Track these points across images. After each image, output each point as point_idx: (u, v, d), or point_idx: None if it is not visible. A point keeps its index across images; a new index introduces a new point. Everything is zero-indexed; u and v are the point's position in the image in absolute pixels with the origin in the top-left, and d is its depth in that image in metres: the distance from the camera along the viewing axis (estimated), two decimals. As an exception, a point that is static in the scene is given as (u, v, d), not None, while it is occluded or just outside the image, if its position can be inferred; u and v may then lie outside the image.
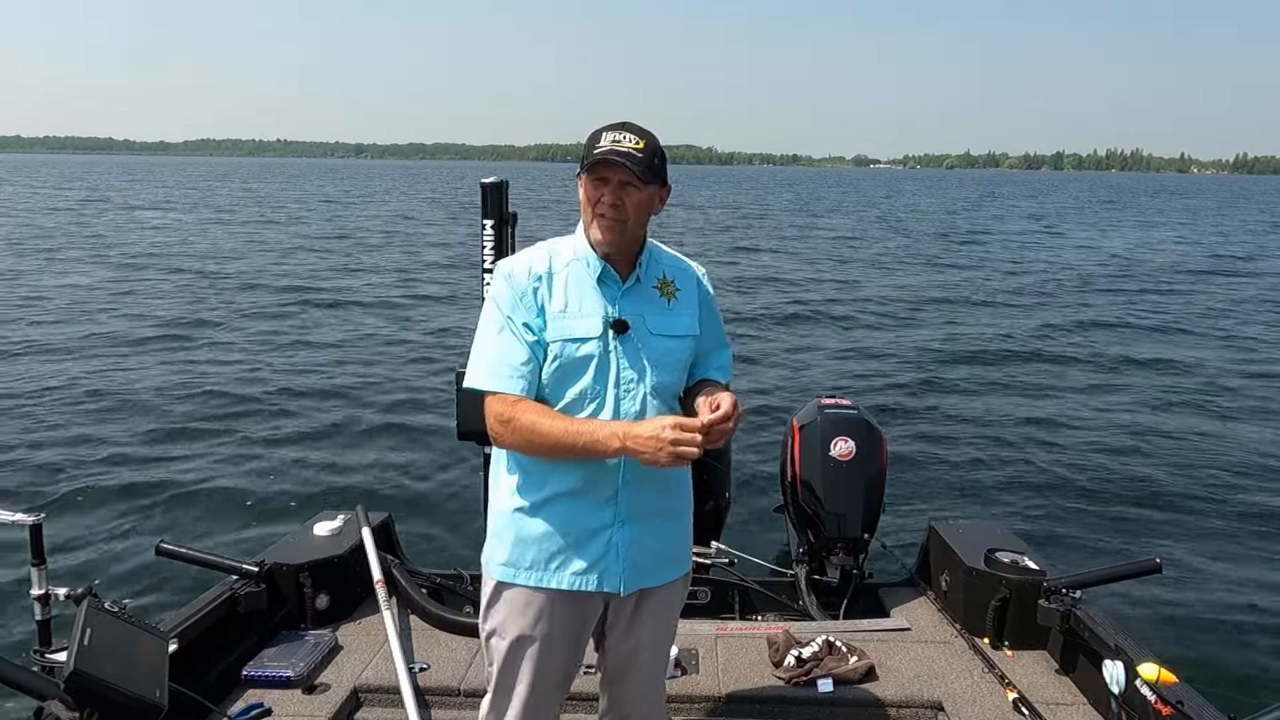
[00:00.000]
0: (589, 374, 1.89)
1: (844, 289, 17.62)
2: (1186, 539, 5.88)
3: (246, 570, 3.13)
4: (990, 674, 3.03)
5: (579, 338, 1.89)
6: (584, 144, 1.91)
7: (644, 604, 2.05)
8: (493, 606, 2.02)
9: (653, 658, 2.13)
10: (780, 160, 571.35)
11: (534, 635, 1.98)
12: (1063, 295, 17.24)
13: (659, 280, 2.01)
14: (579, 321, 1.90)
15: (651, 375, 1.93)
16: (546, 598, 1.96)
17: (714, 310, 2.11)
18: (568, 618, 1.99)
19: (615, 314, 1.92)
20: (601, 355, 1.90)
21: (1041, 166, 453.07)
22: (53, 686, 1.95)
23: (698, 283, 2.07)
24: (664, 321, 1.97)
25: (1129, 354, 11.80)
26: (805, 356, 11.38)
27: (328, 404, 8.59)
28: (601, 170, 1.84)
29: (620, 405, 1.90)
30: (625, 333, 1.91)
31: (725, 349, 2.13)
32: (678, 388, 2.02)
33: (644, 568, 1.99)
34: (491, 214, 3.65)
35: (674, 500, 2.04)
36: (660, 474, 1.91)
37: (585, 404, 1.90)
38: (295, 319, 12.89)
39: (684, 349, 2.00)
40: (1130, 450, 7.67)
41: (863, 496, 3.64)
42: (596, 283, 1.94)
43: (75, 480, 6.37)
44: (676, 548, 2.08)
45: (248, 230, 27.95)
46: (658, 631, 2.11)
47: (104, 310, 13.05)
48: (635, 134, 1.88)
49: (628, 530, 1.95)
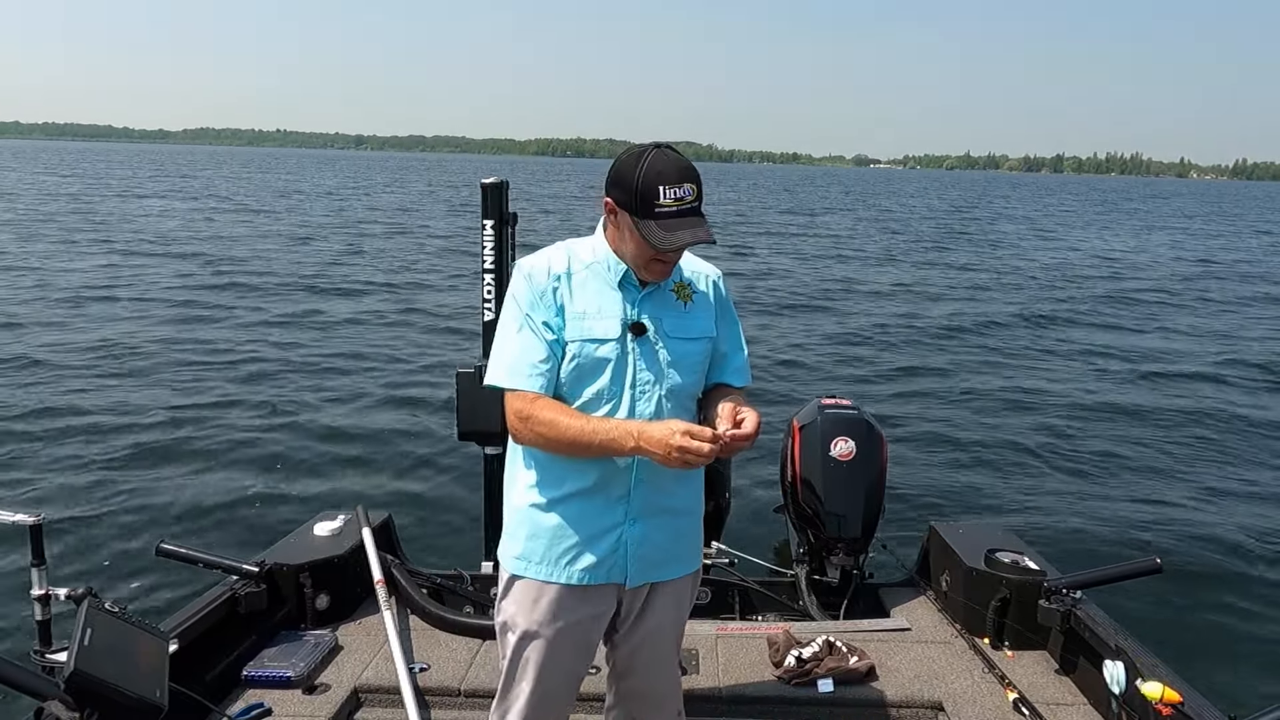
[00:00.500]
0: (606, 375, 1.92)
1: (844, 289, 17.63)
2: (1187, 539, 5.88)
3: (247, 570, 3.12)
4: (990, 674, 3.03)
5: (597, 339, 1.92)
6: (625, 176, 1.83)
7: (653, 597, 2.07)
8: (505, 599, 2.06)
9: (661, 645, 2.14)
10: (780, 159, 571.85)
11: (543, 629, 2.00)
12: (1063, 296, 17.26)
13: (676, 284, 2.03)
14: (598, 323, 1.93)
15: (668, 377, 1.96)
16: (557, 592, 1.99)
17: (731, 313, 2.13)
18: (578, 613, 2.01)
19: (634, 316, 1.95)
20: (619, 357, 1.93)
21: (1041, 169, 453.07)
22: (53, 687, 1.95)
23: (714, 286, 2.10)
24: (681, 324, 2.00)
25: (1129, 354, 11.82)
26: (805, 356, 11.38)
27: (328, 404, 8.59)
28: (679, 240, 1.81)
29: (636, 406, 1.93)
30: (643, 335, 1.94)
31: (741, 351, 2.14)
32: (695, 390, 2.05)
33: (653, 563, 2.02)
34: (491, 214, 3.65)
35: (685, 499, 2.07)
36: (672, 473, 1.92)
37: (602, 404, 1.92)
38: (295, 319, 12.88)
39: (701, 351, 2.03)
40: (1130, 450, 7.67)
41: (863, 496, 3.64)
42: (617, 286, 1.96)
43: (75, 480, 6.37)
44: (686, 545, 2.11)
45: (248, 224, 27.95)
46: (665, 621, 2.12)
47: (104, 311, 13.04)
48: (691, 182, 1.83)
49: (638, 528, 1.98)
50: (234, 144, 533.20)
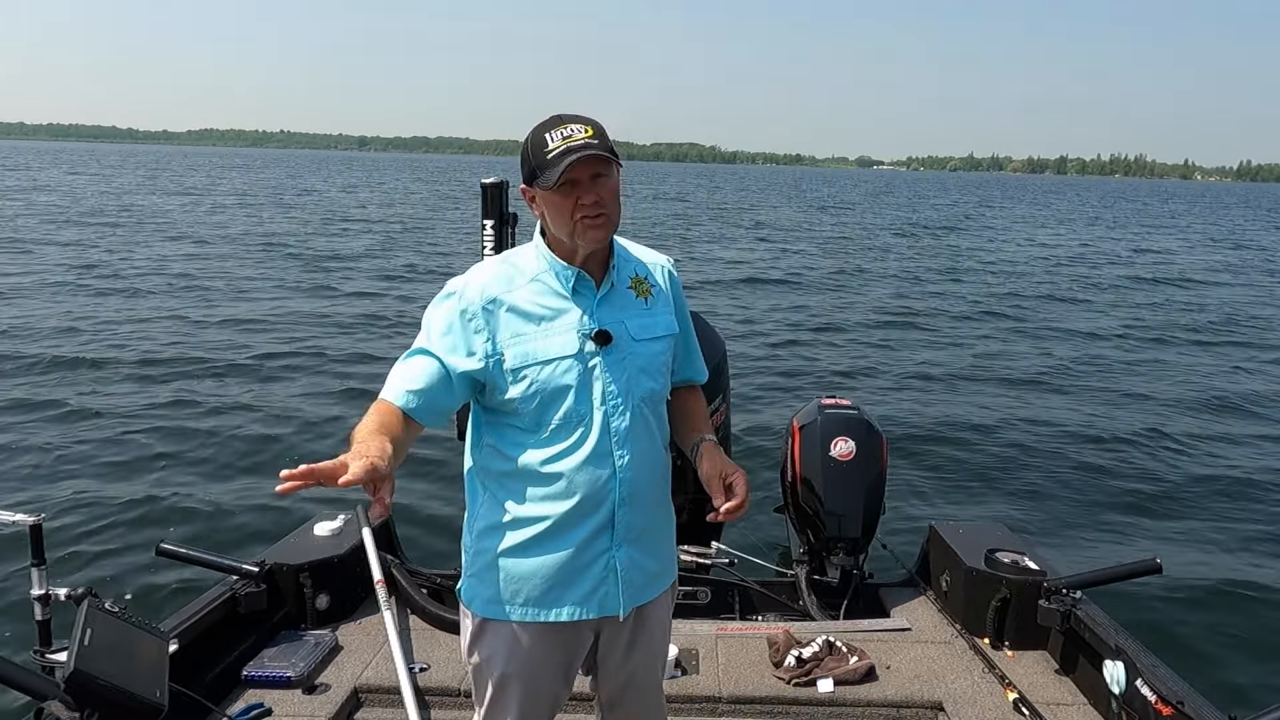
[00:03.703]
0: (570, 397, 1.74)
1: (844, 288, 17.63)
2: (1187, 539, 5.88)
3: (247, 570, 3.13)
4: (990, 674, 3.03)
5: (553, 358, 1.74)
6: (526, 154, 1.75)
7: (639, 627, 1.94)
8: (478, 641, 1.90)
9: (653, 674, 2.07)
10: (784, 160, 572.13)
11: (523, 670, 1.87)
12: (1063, 296, 17.25)
13: (632, 279, 1.86)
14: (551, 340, 1.75)
15: (639, 385, 1.80)
16: (539, 631, 1.84)
17: (684, 302, 1.99)
18: (561, 648, 1.89)
19: (594, 325, 1.77)
20: (582, 373, 1.75)
21: (1045, 170, 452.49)
22: (53, 686, 1.95)
23: (669, 276, 1.95)
24: (645, 324, 1.84)
25: (1129, 355, 11.81)
26: (805, 356, 11.37)
27: (328, 404, 8.58)
28: (570, 173, 1.66)
29: (610, 424, 1.77)
30: (608, 344, 1.76)
31: (696, 343, 2.05)
32: (665, 393, 1.91)
33: (639, 586, 1.88)
34: (491, 214, 3.65)
35: (664, 511, 1.95)
36: (652, 479, 1.86)
37: (573, 429, 1.76)
38: (296, 319, 12.88)
39: (667, 350, 1.89)
40: (1131, 450, 7.66)
41: (863, 496, 3.64)
42: (571, 293, 1.78)
43: (75, 480, 6.37)
44: (667, 556, 1.99)
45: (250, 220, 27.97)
46: (656, 648, 2.03)
47: (101, 309, 13.04)
48: (580, 123, 1.70)
49: (624, 552, 1.83)
50: (238, 145, 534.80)
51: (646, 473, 1.84)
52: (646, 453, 1.83)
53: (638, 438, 1.81)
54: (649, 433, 1.84)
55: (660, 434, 1.90)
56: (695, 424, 2.00)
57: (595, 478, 1.77)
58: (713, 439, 1.95)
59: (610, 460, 1.78)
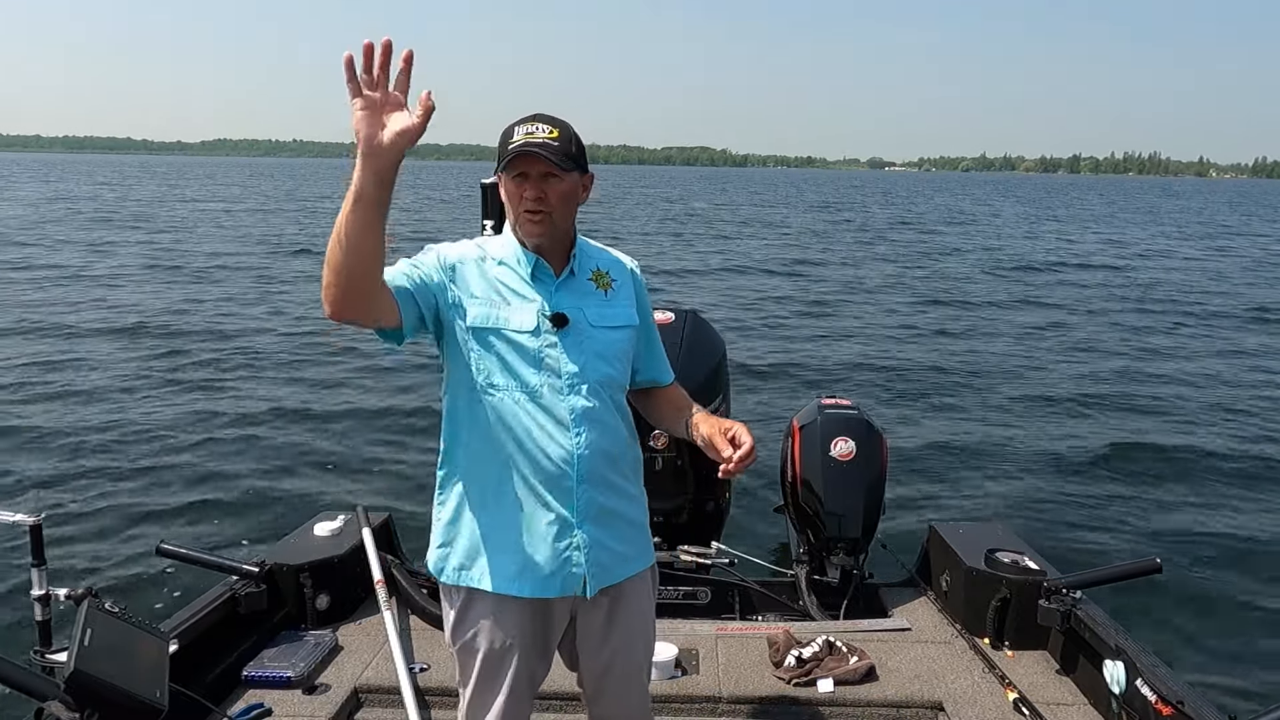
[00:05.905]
0: (529, 368, 1.84)
1: (844, 288, 17.63)
2: (1187, 539, 5.87)
3: (247, 570, 3.12)
4: (990, 674, 3.03)
5: (514, 329, 1.85)
6: (500, 142, 1.85)
7: (614, 611, 1.98)
8: (457, 618, 1.97)
9: (631, 661, 2.06)
10: (795, 162, 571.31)
11: (500, 645, 1.93)
12: (1062, 296, 17.24)
13: (594, 272, 1.97)
14: (514, 314, 1.86)
15: (595, 369, 1.88)
16: (514, 607, 1.90)
17: (648, 305, 2.08)
18: (536, 624, 1.94)
19: (552, 308, 1.87)
20: (539, 350, 1.85)
21: (1058, 170, 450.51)
22: (53, 687, 1.95)
23: (633, 275, 2.04)
24: (604, 313, 1.93)
25: (1129, 355, 11.81)
26: (805, 356, 11.37)
27: (329, 404, 8.59)
28: (520, 164, 1.79)
29: (565, 400, 1.85)
30: (565, 327, 1.86)
31: (660, 344, 2.12)
32: (623, 380, 1.98)
33: (605, 566, 1.92)
34: (492, 214, 3.64)
35: (629, 488, 1.98)
36: (613, 463, 1.91)
37: (529, 400, 1.85)
38: (295, 319, 12.88)
39: (626, 340, 1.96)
40: (1131, 450, 7.66)
41: (863, 496, 3.63)
42: (530, 278, 1.89)
43: (75, 480, 6.37)
44: (638, 540, 2.02)
45: (251, 222, 27.97)
46: (632, 635, 2.04)
47: (102, 309, 13.04)
48: (548, 124, 1.82)
49: (588, 531, 1.89)
50: (251, 154, 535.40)
51: (605, 453, 1.90)
52: (605, 434, 1.90)
53: (596, 419, 1.88)
54: (609, 415, 1.91)
55: (624, 421, 1.96)
56: (681, 407, 2.08)
57: (553, 453, 1.85)
58: (702, 409, 2.03)
59: (568, 436, 1.85)
